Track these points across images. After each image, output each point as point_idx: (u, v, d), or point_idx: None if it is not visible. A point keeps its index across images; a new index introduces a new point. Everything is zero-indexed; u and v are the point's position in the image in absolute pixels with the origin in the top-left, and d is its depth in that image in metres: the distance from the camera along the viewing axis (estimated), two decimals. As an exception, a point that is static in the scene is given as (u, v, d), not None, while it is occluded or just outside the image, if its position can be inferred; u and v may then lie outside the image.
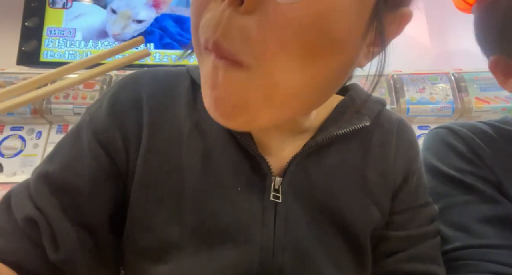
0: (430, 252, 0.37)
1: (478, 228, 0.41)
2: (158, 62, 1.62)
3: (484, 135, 0.48)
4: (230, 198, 0.33)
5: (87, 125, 0.34)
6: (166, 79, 0.37)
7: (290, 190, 0.34)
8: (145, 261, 0.33)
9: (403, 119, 0.42)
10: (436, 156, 0.49)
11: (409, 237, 0.37)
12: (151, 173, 0.33)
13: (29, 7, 1.71)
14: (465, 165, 0.46)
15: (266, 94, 0.25)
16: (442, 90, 1.38)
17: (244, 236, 0.32)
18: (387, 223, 0.38)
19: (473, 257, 0.39)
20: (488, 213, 0.42)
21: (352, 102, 0.39)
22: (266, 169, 0.34)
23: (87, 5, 1.72)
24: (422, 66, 1.46)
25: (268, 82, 0.24)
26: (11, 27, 1.75)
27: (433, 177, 0.48)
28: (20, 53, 1.64)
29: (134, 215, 0.33)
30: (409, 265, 0.36)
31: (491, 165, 0.45)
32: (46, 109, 1.34)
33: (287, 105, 0.27)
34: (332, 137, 0.35)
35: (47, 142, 1.37)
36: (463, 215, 0.43)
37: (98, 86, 1.40)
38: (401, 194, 0.38)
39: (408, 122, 0.43)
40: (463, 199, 0.44)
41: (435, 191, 0.46)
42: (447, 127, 0.51)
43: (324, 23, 0.23)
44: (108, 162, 0.33)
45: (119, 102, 0.35)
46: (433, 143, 0.51)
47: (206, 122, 0.34)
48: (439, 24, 1.95)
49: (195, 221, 0.32)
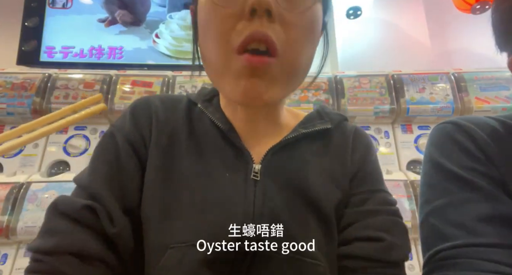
0: (383, 224, 0.43)
1: (477, 226, 0.40)
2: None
3: (492, 131, 0.47)
4: (219, 181, 0.43)
5: (118, 132, 0.46)
6: (169, 100, 0.51)
7: (267, 172, 0.44)
8: (149, 229, 0.41)
9: (359, 127, 0.54)
10: (441, 151, 0.48)
11: (363, 211, 0.45)
12: (159, 162, 0.44)
13: (29, 7, 1.71)
14: (470, 162, 0.45)
15: (286, 75, 0.40)
16: (442, 90, 1.38)
17: (230, 205, 0.41)
18: (347, 203, 0.46)
19: (471, 256, 0.39)
20: (489, 211, 0.41)
21: (317, 114, 0.52)
22: (248, 157, 0.44)
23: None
24: (422, 66, 1.46)
25: (288, 64, 0.39)
26: (11, 27, 1.75)
27: (437, 173, 0.47)
28: (20, 53, 1.64)
29: (145, 192, 0.43)
30: (363, 231, 0.43)
31: (497, 162, 0.44)
32: (46, 109, 1.34)
33: (296, 81, 0.43)
34: (300, 134, 0.47)
35: (47, 142, 1.36)
36: (463, 213, 0.42)
37: (98, 86, 1.40)
38: (356, 179, 0.47)
39: (362, 130, 0.54)
40: (464, 197, 0.43)
41: (438, 187, 0.46)
42: (454, 122, 0.50)
43: (314, 25, 0.41)
44: (136, 157, 0.45)
45: (136, 114, 0.48)
46: (439, 138, 0.50)
47: (199, 128, 0.48)
48: (439, 24, 1.95)
49: (190, 196, 0.41)
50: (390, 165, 1.34)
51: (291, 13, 0.38)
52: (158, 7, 1.82)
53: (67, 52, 1.67)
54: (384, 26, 1.91)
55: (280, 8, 0.37)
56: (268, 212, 0.41)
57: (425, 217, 0.46)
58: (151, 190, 0.43)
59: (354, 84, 1.41)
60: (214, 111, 0.48)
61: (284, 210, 0.42)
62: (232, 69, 0.38)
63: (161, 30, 1.78)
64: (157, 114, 0.48)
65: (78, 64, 1.64)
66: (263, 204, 0.41)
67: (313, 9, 0.40)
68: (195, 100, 0.50)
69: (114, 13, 1.77)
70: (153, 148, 0.45)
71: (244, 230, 0.39)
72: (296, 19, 0.38)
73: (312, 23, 0.41)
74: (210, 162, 0.44)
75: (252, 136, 0.47)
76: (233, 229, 0.39)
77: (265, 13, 0.36)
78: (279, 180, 0.44)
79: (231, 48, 0.38)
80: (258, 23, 0.36)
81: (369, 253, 0.41)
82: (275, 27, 0.37)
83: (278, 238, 0.40)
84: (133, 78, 1.44)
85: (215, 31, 0.39)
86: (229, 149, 0.45)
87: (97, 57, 1.68)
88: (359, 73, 1.44)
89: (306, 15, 0.39)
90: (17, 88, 1.37)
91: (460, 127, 0.48)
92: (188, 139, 0.46)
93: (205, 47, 0.41)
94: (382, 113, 1.37)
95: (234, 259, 0.38)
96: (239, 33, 0.37)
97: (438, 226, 0.43)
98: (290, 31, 0.38)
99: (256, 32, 0.36)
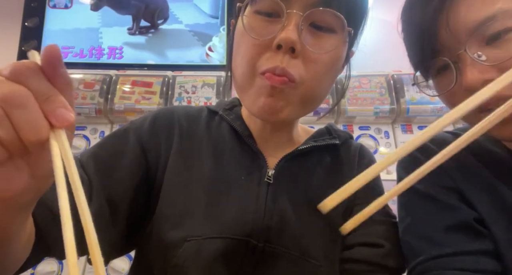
0: (384, 232, 0.47)
1: (442, 237, 0.42)
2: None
3: (444, 145, 0.49)
4: (235, 184, 0.46)
5: (133, 131, 0.48)
6: (192, 111, 0.55)
7: (279, 177, 0.47)
8: (166, 225, 0.43)
9: (363, 145, 0.59)
10: (405, 170, 0.50)
11: (366, 220, 0.47)
12: (180, 166, 0.47)
13: (29, 7, 1.71)
14: (427, 177, 0.47)
15: (302, 99, 0.44)
16: (442, 90, 1.38)
17: (244, 204, 0.44)
18: (351, 212, 0.49)
19: (437, 267, 0.41)
20: (449, 221, 0.43)
21: (327, 130, 0.56)
22: (263, 162, 0.48)
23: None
24: (422, 66, 1.46)
25: (305, 92, 0.43)
26: (11, 27, 1.75)
27: (404, 193, 0.49)
28: (20, 53, 1.64)
29: (164, 193, 0.45)
30: (365, 238, 0.46)
31: (452, 173, 0.46)
32: (46, 109, 1.34)
33: (312, 105, 0.47)
34: (311, 147, 0.51)
35: (47, 142, 1.36)
36: (428, 226, 0.44)
37: (98, 86, 1.40)
38: (360, 191, 0.51)
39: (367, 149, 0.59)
40: (427, 210, 0.45)
41: (407, 205, 0.48)
42: None
43: (335, 63, 0.45)
44: (143, 158, 0.47)
45: (157, 121, 0.51)
46: (403, 158, 0.53)
47: (218, 135, 0.51)
48: (439, 24, 1.95)
49: (208, 198, 0.44)
50: (390, 165, 1.33)
51: (315, 53, 0.41)
52: (211, 18, 1.74)
53: (67, 52, 1.67)
54: (384, 26, 1.90)
55: (306, 47, 0.41)
56: (277, 213, 0.44)
57: (401, 235, 0.48)
58: (172, 193, 0.45)
59: (354, 84, 1.42)
60: (235, 119, 0.52)
61: (292, 212, 0.45)
62: (255, 86, 0.43)
63: (214, 43, 1.70)
64: (181, 123, 0.52)
65: (78, 64, 1.64)
66: (273, 205, 0.44)
67: (337, 50, 0.43)
68: (215, 110, 0.54)
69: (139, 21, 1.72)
70: (174, 154, 0.48)
71: (255, 227, 0.42)
72: (319, 57, 0.42)
73: (333, 61, 0.44)
74: (228, 166, 0.48)
75: (268, 145, 0.51)
76: (245, 225, 0.42)
77: (289, 50, 0.40)
78: (290, 185, 0.47)
79: (256, 71, 0.42)
80: (282, 57, 0.40)
81: (368, 258, 0.44)
82: (297, 62, 0.41)
83: (286, 238, 0.43)
84: (133, 78, 1.44)
85: (245, 54, 0.43)
86: (246, 153, 0.49)
87: (97, 57, 1.68)
88: (359, 73, 1.44)
89: (329, 55, 0.42)
90: (17, 88, 1.36)
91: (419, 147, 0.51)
92: (208, 145, 0.49)
93: (235, 64, 0.46)
94: (382, 113, 1.37)
95: (245, 254, 0.42)
96: (264, 61, 0.42)
97: (410, 242, 0.45)
98: (311, 66, 0.42)
99: (276, 67, 0.40)
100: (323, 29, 0.42)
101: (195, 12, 1.76)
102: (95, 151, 0.45)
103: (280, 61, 0.40)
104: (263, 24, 0.42)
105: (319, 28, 0.42)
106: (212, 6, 1.75)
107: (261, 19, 0.42)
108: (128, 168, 0.45)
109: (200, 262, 0.40)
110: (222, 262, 0.40)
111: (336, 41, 0.42)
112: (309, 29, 0.41)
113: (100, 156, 0.45)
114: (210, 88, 1.40)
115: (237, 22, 0.46)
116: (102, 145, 0.47)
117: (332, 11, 0.40)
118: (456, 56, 0.39)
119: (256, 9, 0.42)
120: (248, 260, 0.42)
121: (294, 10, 0.40)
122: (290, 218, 0.44)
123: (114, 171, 0.44)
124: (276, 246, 0.42)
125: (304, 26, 0.40)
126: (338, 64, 0.46)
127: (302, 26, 0.40)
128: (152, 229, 0.44)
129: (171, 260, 0.41)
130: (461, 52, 0.38)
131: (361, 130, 1.42)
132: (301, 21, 0.40)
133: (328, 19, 0.41)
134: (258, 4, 0.42)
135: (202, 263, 0.40)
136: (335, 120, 1.41)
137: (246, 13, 0.43)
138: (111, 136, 0.49)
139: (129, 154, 0.46)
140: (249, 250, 0.42)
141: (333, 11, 0.40)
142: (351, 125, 1.43)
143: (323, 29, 0.42)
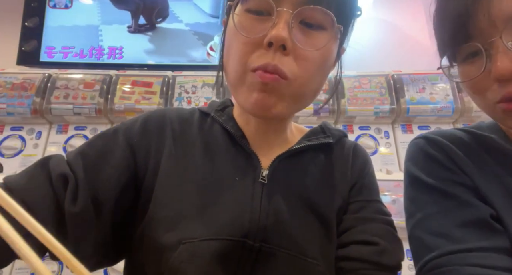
0: (379, 230, 0.47)
1: (457, 233, 0.42)
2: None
3: (460, 142, 0.49)
4: (229, 185, 0.46)
5: (123, 132, 0.48)
6: (184, 113, 0.55)
7: (273, 177, 0.47)
8: (159, 228, 0.43)
9: (358, 143, 0.58)
10: (416, 165, 0.50)
11: (360, 218, 0.49)
12: (173, 168, 0.47)
13: (29, 7, 1.71)
14: (443, 172, 0.47)
15: (294, 96, 0.44)
16: (442, 90, 1.38)
17: (239, 205, 0.44)
18: (346, 210, 0.50)
19: (454, 263, 0.40)
20: (465, 217, 0.43)
21: (320, 129, 0.56)
22: (257, 162, 0.48)
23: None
24: (422, 66, 1.46)
25: (298, 89, 0.43)
26: (11, 27, 1.75)
27: (415, 187, 0.49)
28: (20, 53, 1.64)
29: (157, 196, 0.45)
30: (360, 235, 0.46)
31: (468, 170, 0.46)
32: (46, 109, 1.34)
33: (304, 102, 0.47)
34: (305, 146, 0.51)
35: (47, 142, 1.37)
36: (442, 221, 0.44)
37: (98, 86, 1.40)
38: (354, 189, 0.51)
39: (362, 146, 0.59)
40: (442, 206, 0.45)
41: (418, 200, 0.48)
42: (425, 137, 0.52)
43: (326, 59, 0.45)
44: (131, 159, 0.46)
45: (148, 123, 0.51)
46: (413, 153, 0.53)
47: (211, 137, 0.51)
48: (439, 24, 1.95)
49: (202, 200, 0.44)
50: (390, 165, 1.34)
51: (306, 50, 0.41)
52: (210, 18, 1.73)
53: (67, 52, 1.67)
54: (384, 26, 1.91)
55: (296, 44, 0.41)
56: (273, 213, 0.44)
57: (411, 231, 0.48)
58: (165, 195, 0.45)
59: (354, 84, 1.42)
60: (227, 120, 0.52)
61: (287, 212, 0.45)
62: (247, 83, 0.43)
63: (216, 42, 1.68)
64: (173, 126, 0.51)
65: (78, 64, 1.64)
66: (268, 205, 0.44)
67: (328, 46, 0.43)
68: (207, 111, 0.54)
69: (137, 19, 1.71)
70: (167, 156, 0.47)
71: (250, 228, 0.42)
72: (310, 54, 0.42)
73: (324, 57, 0.44)
74: (222, 167, 0.47)
75: (261, 145, 0.51)
76: (240, 226, 0.42)
77: (280, 48, 0.40)
78: (284, 185, 0.47)
79: (247, 68, 0.42)
80: (273, 54, 0.41)
81: (364, 255, 0.44)
82: (288, 59, 0.41)
83: (282, 237, 0.43)
84: (133, 78, 1.44)
85: (236, 52, 0.43)
86: (239, 154, 0.49)
87: (97, 57, 1.68)
88: (359, 73, 1.44)
89: (320, 52, 0.43)
90: (17, 89, 1.37)
91: (431, 141, 0.51)
92: (201, 147, 0.49)
93: (227, 62, 0.46)
94: (382, 113, 1.37)
95: (241, 254, 0.42)
96: (255, 59, 0.42)
97: (422, 237, 0.45)
98: (302, 64, 0.42)
99: (268, 64, 0.40)
100: (313, 27, 0.42)
101: (195, 12, 1.75)
102: (83, 149, 0.45)
103: (271, 58, 0.40)
104: (253, 22, 0.42)
105: (309, 26, 0.42)
106: (213, 5, 1.75)
107: (251, 18, 0.42)
108: (115, 167, 0.44)
109: (197, 264, 0.40)
110: (219, 263, 0.40)
111: (327, 38, 0.42)
112: (300, 26, 0.42)
113: (87, 155, 0.44)
114: (210, 88, 1.41)
115: (228, 20, 0.45)
116: (90, 143, 0.47)
117: (322, 9, 0.40)
118: (489, 43, 0.38)
119: (246, 7, 0.43)
120: (245, 260, 0.42)
121: (284, 8, 0.40)
122: (285, 217, 0.44)
123: (101, 170, 0.43)
124: (273, 246, 0.42)
125: (294, 23, 0.41)
126: (329, 61, 0.46)
127: (292, 23, 0.40)
128: (144, 232, 0.44)
129: (167, 263, 0.40)
130: (495, 39, 0.37)
131: (361, 130, 1.42)
132: (291, 19, 0.40)
133: (318, 17, 0.42)
134: (249, 2, 0.42)
135: (198, 265, 0.40)
136: (335, 120, 1.41)
137: (236, 12, 0.44)
138: (100, 136, 0.48)
139: (117, 154, 0.46)
140: (245, 251, 0.42)
141: (322, 8, 0.40)
142: (351, 125, 1.43)
143: (313, 26, 0.42)
